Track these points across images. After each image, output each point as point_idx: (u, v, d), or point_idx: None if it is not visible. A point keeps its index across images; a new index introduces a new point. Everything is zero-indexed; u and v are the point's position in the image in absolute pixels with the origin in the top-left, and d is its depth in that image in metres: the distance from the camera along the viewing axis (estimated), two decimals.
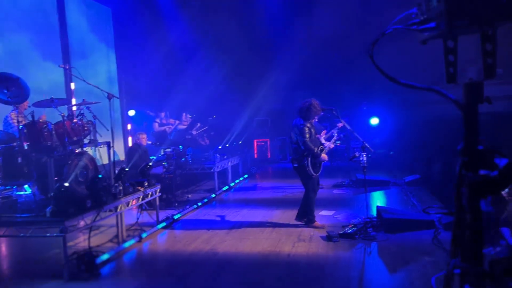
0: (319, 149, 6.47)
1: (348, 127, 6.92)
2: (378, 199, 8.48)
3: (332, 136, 7.12)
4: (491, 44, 1.54)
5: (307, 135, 6.31)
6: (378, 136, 13.61)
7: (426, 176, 9.49)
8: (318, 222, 6.57)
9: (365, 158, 6.59)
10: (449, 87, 1.67)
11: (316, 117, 6.66)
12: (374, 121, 14.11)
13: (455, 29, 1.55)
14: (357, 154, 6.71)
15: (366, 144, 6.58)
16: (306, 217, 6.61)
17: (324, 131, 6.93)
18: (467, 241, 1.65)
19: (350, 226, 6.17)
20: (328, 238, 5.83)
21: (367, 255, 5.21)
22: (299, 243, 5.76)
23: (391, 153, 13.22)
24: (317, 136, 6.63)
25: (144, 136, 9.03)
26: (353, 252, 5.32)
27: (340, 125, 7.23)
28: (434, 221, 6.17)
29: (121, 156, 11.17)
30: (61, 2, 9.85)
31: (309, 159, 6.39)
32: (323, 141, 6.87)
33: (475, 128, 1.61)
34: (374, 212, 6.88)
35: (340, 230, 6.05)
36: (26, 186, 5.99)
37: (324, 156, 6.56)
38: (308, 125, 6.40)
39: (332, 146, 7.00)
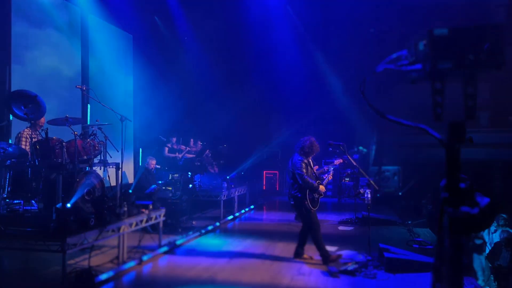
0: (317, 183, 6.44)
1: (355, 164, 6.96)
2: (382, 237, 8.39)
3: (324, 173, 7.10)
4: (472, 87, 1.63)
5: (304, 170, 6.30)
6: (387, 175, 13.56)
7: (433, 218, 9.38)
8: (333, 255, 6.41)
9: (369, 195, 6.59)
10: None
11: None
12: (384, 160, 14.11)
13: (439, 71, 1.64)
14: (361, 191, 6.73)
15: (372, 182, 6.60)
16: (320, 254, 6.39)
17: (316, 167, 6.90)
18: (447, 274, 1.69)
19: (351, 263, 6.12)
20: (328, 273, 5.78)
21: None
22: (299, 277, 5.72)
23: (400, 193, 13.12)
24: (314, 171, 6.62)
25: (154, 161, 9.18)
26: None
27: (337, 162, 7.27)
28: None
29: (130, 178, 11.30)
30: (85, 26, 10.26)
31: (307, 193, 6.36)
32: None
33: (457, 166, 1.68)
34: (376, 250, 6.81)
35: (341, 267, 6.00)
36: (33, 201, 6.10)
37: (322, 188, 6.49)
38: (305, 160, 6.41)
39: (331, 178, 6.95)
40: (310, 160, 6.55)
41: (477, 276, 7.12)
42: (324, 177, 6.73)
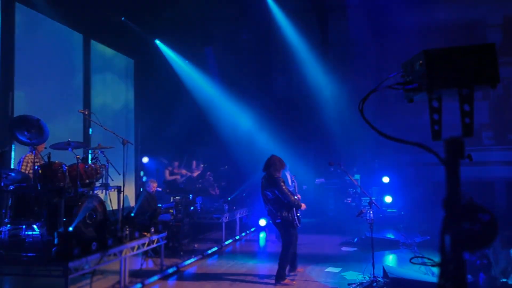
0: (298, 199, 6.51)
1: (357, 184, 6.98)
2: (386, 258, 8.33)
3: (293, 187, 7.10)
4: (469, 105, 1.66)
5: (285, 188, 6.34)
6: (390, 194, 13.49)
7: (437, 238, 9.31)
8: (289, 280, 6.44)
9: (372, 215, 6.57)
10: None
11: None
12: (385, 179, 14.06)
13: (436, 90, 1.68)
14: (363, 210, 6.70)
15: (373, 201, 6.59)
16: (279, 270, 6.36)
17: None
18: None
19: (356, 284, 6.06)
20: None
21: None
22: None
23: (402, 213, 13.04)
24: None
25: (155, 184, 9.16)
26: None
27: (318, 181, 7.31)
28: None
29: (131, 201, 11.28)
30: (87, 51, 10.42)
31: (293, 210, 6.38)
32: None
33: (457, 182, 1.70)
34: (381, 271, 6.74)
35: None
36: (35, 226, 6.08)
37: (303, 205, 6.51)
38: (282, 178, 6.47)
39: (299, 196, 6.93)
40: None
41: None
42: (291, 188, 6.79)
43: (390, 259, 8.27)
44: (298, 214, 6.50)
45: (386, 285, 6.05)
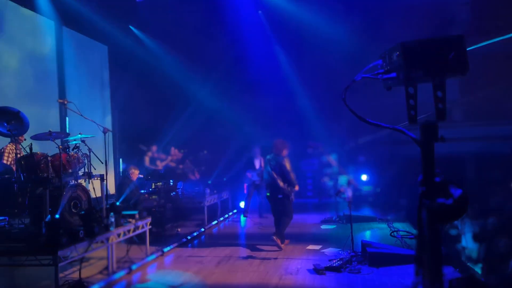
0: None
1: (335, 164, 7.23)
2: (364, 234, 8.67)
3: None
4: (441, 92, 1.84)
5: (289, 168, 7.39)
6: (366, 173, 13.88)
7: (411, 212, 9.73)
8: (286, 241, 7.61)
9: (350, 194, 6.83)
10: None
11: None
12: (361, 158, 14.43)
13: (412, 78, 1.85)
14: (342, 190, 6.96)
15: (352, 180, 6.85)
16: (277, 233, 7.46)
17: None
18: (427, 261, 1.89)
19: (336, 260, 6.34)
20: (315, 271, 5.98)
21: None
22: (287, 276, 5.90)
23: (378, 190, 13.46)
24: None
25: (137, 171, 9.15)
26: (339, 285, 5.47)
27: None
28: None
29: (111, 189, 11.27)
30: (59, 39, 10.22)
31: (292, 187, 7.45)
32: None
33: (431, 162, 1.89)
34: (359, 246, 7.05)
35: (326, 264, 6.21)
36: (19, 217, 6.09)
37: (297, 186, 7.64)
38: (287, 158, 7.47)
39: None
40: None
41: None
42: None
43: (368, 235, 8.61)
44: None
45: (365, 259, 6.36)
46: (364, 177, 13.46)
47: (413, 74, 1.83)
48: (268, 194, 7.65)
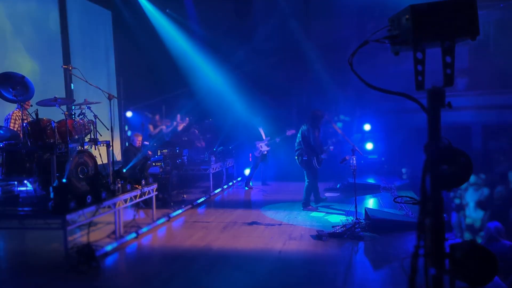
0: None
1: (340, 132, 7.21)
2: (367, 202, 8.75)
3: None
4: (450, 57, 1.81)
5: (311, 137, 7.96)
6: (371, 141, 13.86)
7: (415, 181, 9.78)
8: (312, 206, 8.14)
9: (355, 161, 6.84)
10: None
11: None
12: (367, 127, 14.38)
13: (421, 43, 1.82)
14: (347, 157, 6.97)
15: (356, 148, 6.85)
16: (304, 200, 8.10)
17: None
18: (430, 226, 1.91)
19: (339, 227, 6.42)
20: (318, 237, 6.07)
21: (354, 253, 5.47)
22: (290, 241, 6.00)
23: (383, 159, 13.49)
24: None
25: (140, 137, 9.14)
26: (341, 250, 5.57)
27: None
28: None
29: (118, 156, 11.36)
30: (62, 5, 10.06)
31: (316, 154, 8.02)
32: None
33: (437, 128, 1.87)
34: (363, 214, 7.13)
35: (330, 230, 6.30)
36: (27, 182, 6.18)
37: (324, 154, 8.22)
38: (311, 130, 7.99)
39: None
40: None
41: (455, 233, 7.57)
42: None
43: (371, 203, 8.69)
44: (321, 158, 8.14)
45: (368, 225, 6.44)
46: (369, 146, 13.47)
47: (422, 38, 1.79)
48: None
